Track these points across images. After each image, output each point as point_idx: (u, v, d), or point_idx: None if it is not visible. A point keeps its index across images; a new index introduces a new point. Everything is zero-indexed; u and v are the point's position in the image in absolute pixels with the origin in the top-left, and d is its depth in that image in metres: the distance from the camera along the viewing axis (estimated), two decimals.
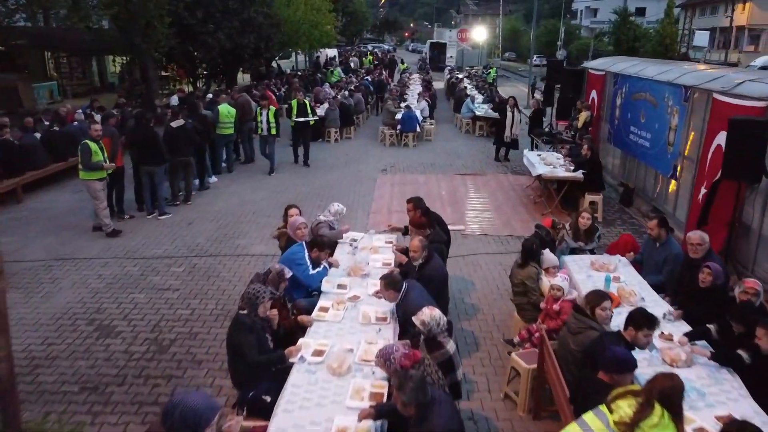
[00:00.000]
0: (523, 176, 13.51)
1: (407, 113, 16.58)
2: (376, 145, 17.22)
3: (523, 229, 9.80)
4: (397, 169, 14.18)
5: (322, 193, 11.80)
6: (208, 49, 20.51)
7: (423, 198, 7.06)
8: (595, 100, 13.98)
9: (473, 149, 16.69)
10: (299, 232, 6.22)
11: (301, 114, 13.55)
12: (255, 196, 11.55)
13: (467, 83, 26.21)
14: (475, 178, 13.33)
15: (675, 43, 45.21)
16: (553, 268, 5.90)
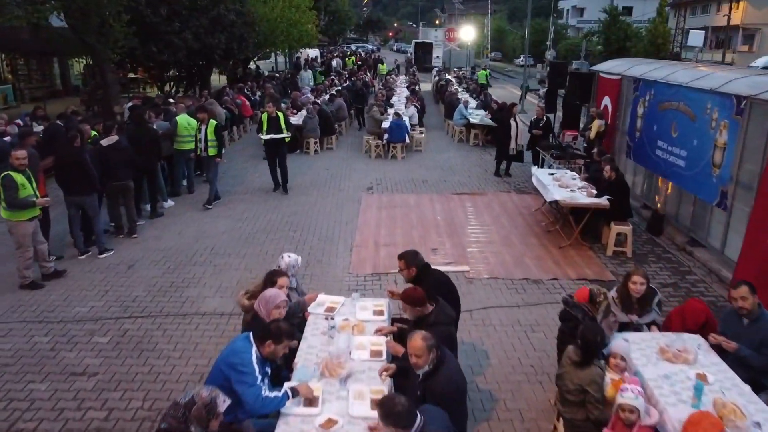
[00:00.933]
0: (529, 195, 11.81)
1: (396, 122, 14.79)
2: (360, 156, 15.41)
3: (539, 269, 8.06)
4: (384, 187, 12.39)
5: (295, 222, 9.97)
6: (173, 49, 18.53)
7: (416, 227, 5.27)
8: (609, 107, 12.31)
9: (469, 161, 14.95)
10: (276, 313, 4.37)
11: (273, 129, 11.26)
12: (215, 226, 9.68)
13: (457, 86, 24.52)
14: (474, 198, 11.58)
15: (667, 42, 44.04)
16: (621, 359, 4.13)
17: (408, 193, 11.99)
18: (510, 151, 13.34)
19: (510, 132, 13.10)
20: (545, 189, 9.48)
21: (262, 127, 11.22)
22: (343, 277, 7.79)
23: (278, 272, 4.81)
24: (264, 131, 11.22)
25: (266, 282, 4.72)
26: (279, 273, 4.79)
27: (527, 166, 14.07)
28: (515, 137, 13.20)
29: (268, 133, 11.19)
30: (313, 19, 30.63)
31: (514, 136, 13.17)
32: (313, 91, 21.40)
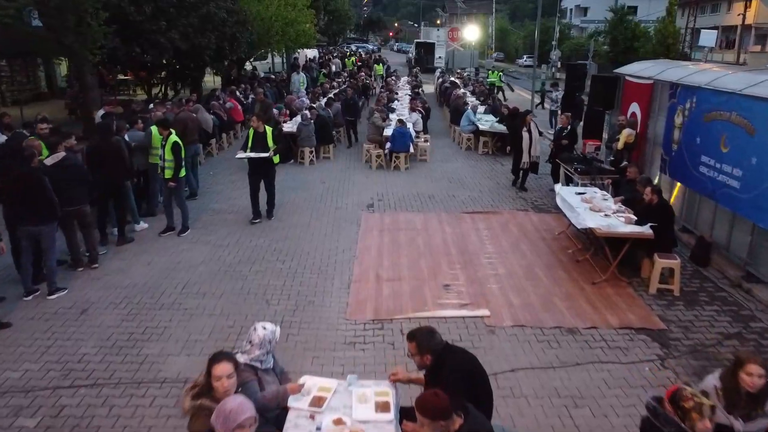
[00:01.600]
0: (549, 214, 10.51)
1: (399, 129, 13.46)
2: (360, 167, 14.08)
3: (573, 313, 6.74)
4: (386, 204, 11.07)
5: (285, 249, 8.65)
6: (159, 50, 17.20)
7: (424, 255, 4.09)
8: (638, 115, 11.00)
9: (479, 173, 13.62)
10: None
11: (259, 147, 9.48)
12: (191, 254, 8.36)
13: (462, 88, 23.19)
14: (488, 218, 10.26)
15: (677, 42, 42.69)
16: None
17: (413, 211, 10.68)
18: (522, 165, 12.07)
19: (522, 144, 11.82)
20: (573, 213, 8.16)
21: (246, 144, 9.63)
22: (338, 324, 6.48)
23: (220, 356, 3.46)
24: (249, 148, 9.52)
25: (208, 371, 3.40)
26: (219, 357, 3.44)
27: (544, 179, 12.79)
28: (528, 150, 11.91)
29: (253, 151, 9.48)
30: (311, 19, 29.29)
31: (526, 149, 11.88)
32: (309, 94, 20.07)
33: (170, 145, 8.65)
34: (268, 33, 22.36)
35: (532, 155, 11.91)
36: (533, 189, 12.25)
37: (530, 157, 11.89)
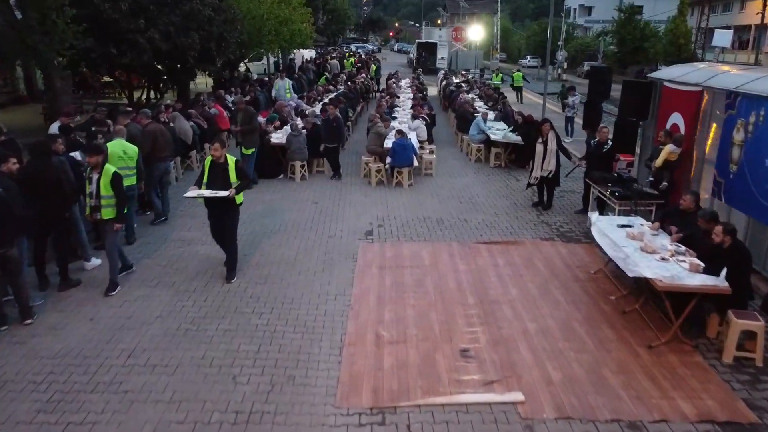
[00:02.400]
0: (580, 245, 8.94)
1: (400, 141, 11.88)
2: (358, 183, 12.50)
3: (634, 398, 5.15)
4: (388, 231, 9.50)
5: (263, 295, 7.07)
6: (138, 51, 15.64)
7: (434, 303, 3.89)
8: (682, 128, 9.42)
9: (492, 190, 12.04)
10: None
11: (217, 183, 7.12)
12: (146, 305, 6.77)
13: (468, 91, 21.60)
14: (508, 250, 8.68)
15: (689, 42, 41.14)
16: None
17: (419, 240, 9.10)
18: (532, 181, 10.63)
19: (534, 156, 10.33)
20: (618, 252, 6.59)
21: (201, 178, 7.31)
22: (324, 415, 4.89)
23: None
24: (205, 182, 7.19)
25: None
26: None
27: (567, 197, 11.22)
28: (540, 164, 10.41)
29: (208, 188, 7.12)
30: (307, 18, 27.73)
31: (539, 163, 10.38)
32: (303, 99, 18.50)
33: (108, 178, 6.66)
34: (260, 32, 20.77)
35: (545, 168, 10.40)
36: (557, 211, 10.67)
37: (541, 171, 10.39)
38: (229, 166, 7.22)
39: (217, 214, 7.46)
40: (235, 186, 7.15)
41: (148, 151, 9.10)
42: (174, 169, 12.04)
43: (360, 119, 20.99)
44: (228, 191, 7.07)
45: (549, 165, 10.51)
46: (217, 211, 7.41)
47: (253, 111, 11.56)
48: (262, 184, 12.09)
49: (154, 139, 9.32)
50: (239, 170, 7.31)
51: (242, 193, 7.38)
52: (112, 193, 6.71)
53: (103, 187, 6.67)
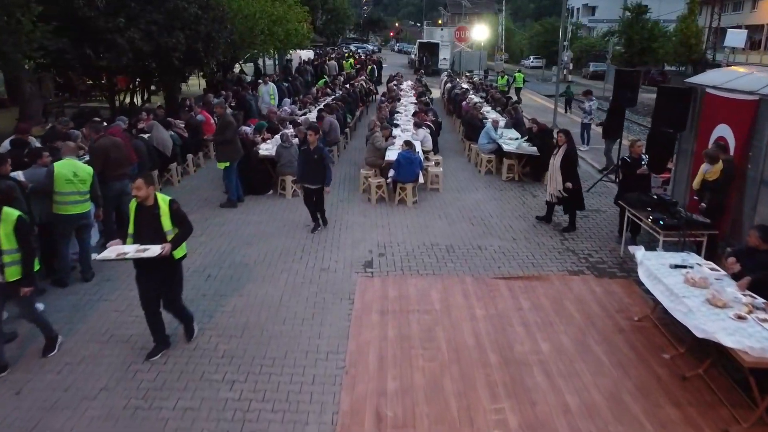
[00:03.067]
0: (615, 280, 7.63)
1: (405, 155, 10.56)
2: (356, 200, 11.19)
3: None
4: (390, 261, 8.19)
5: (237, 354, 5.75)
6: (117, 52, 14.33)
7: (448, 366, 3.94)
8: (730, 142, 8.11)
9: (507, 209, 10.72)
10: None
11: (147, 232, 5.33)
12: (88, 372, 5.45)
13: (473, 94, 20.29)
14: (532, 287, 7.37)
15: (700, 42, 39.80)
16: None
17: (427, 272, 7.80)
18: (548, 198, 9.49)
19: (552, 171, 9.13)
20: (678, 304, 5.29)
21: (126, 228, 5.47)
22: None
23: None
24: (129, 236, 5.39)
25: None
26: None
27: (592, 218, 9.91)
28: (554, 179, 9.21)
29: (135, 240, 5.35)
30: (304, 17, 26.40)
31: (552, 178, 9.17)
32: (297, 103, 17.18)
33: (11, 225, 5.06)
34: (252, 32, 19.43)
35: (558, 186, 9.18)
36: (583, 235, 9.35)
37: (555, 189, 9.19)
38: (160, 210, 5.27)
39: (147, 277, 5.38)
40: (171, 238, 5.28)
41: (100, 170, 7.76)
42: None
43: (359, 124, 19.69)
44: (160, 248, 5.15)
45: (556, 183, 9.25)
46: (148, 272, 5.35)
47: (229, 119, 10.18)
48: (249, 202, 10.78)
49: (105, 156, 7.96)
50: (175, 214, 5.36)
51: (184, 244, 5.49)
52: (16, 245, 5.12)
53: (4, 238, 5.06)
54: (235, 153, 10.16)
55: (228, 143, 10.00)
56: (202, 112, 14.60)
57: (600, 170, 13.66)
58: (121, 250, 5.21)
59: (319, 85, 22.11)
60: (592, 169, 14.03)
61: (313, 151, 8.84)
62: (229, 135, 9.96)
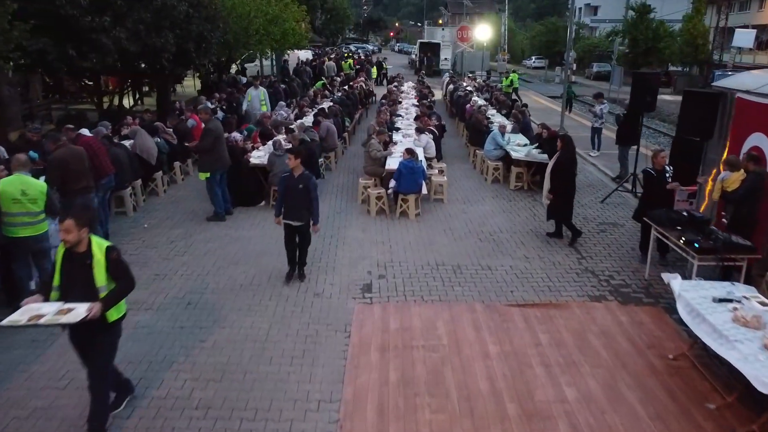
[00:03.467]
0: (642, 307, 6.84)
1: (407, 164, 9.76)
2: (354, 212, 10.40)
3: None
4: (392, 283, 7.41)
5: (213, 407, 4.94)
6: (103, 52, 13.55)
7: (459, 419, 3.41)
8: (766, 151, 7.32)
9: (518, 223, 9.93)
10: None
11: (74, 288, 4.13)
12: (44, 413, 4.66)
13: (477, 96, 19.50)
14: (549, 316, 6.58)
15: (707, 42, 38.98)
16: None
17: (432, 298, 7.02)
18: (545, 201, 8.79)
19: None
20: (733, 353, 4.49)
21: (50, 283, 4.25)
22: None
23: None
24: (54, 289, 4.20)
25: None
26: None
27: (610, 233, 9.10)
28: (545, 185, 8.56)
29: (61, 296, 4.16)
30: (301, 16, 25.61)
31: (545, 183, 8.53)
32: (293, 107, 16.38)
33: None
34: (247, 32, 18.63)
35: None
36: (601, 253, 8.55)
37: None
38: (94, 260, 4.12)
39: (82, 341, 4.34)
40: (103, 297, 4.11)
41: (59, 184, 6.98)
42: (132, 196, 9.94)
43: (359, 128, 18.91)
44: (87, 308, 3.98)
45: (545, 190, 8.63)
46: (76, 333, 4.33)
47: (214, 126, 9.37)
48: (239, 215, 9.99)
49: (63, 168, 7.16)
50: (113, 265, 4.19)
51: (123, 303, 4.35)
52: None
53: None
54: (218, 162, 9.34)
55: (209, 151, 9.19)
56: (192, 116, 13.79)
57: (613, 178, 12.87)
58: (35, 312, 3.98)
59: (317, 87, 21.31)
60: (605, 177, 13.23)
61: (296, 179, 6.98)
62: (209, 143, 9.14)
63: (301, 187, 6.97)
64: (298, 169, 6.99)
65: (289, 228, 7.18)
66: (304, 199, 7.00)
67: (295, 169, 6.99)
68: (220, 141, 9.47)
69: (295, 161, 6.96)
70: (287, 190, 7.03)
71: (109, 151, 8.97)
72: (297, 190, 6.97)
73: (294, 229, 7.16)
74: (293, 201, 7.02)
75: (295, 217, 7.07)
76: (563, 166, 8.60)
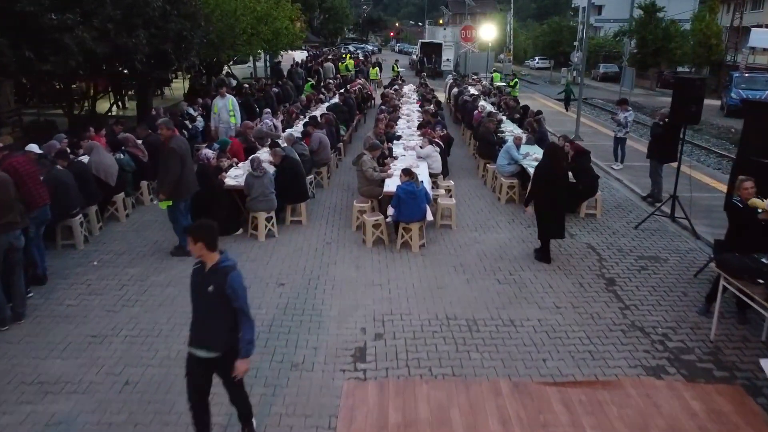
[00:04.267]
0: (715, 385, 5.27)
1: (409, 187, 8.17)
2: (347, 242, 8.82)
3: None
4: (391, 347, 5.86)
5: None
6: (65, 54, 12.00)
7: None
8: None
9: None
10: None
11: None
12: None
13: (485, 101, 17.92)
14: (597, 399, 5.01)
15: (720, 43, 37.37)
16: None
17: (443, 369, 5.48)
18: None
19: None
20: None
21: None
22: None
23: None
24: None
25: None
26: None
27: (655, 269, 7.49)
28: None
29: None
30: (296, 14, 24.03)
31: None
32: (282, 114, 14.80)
33: None
34: (233, 31, 17.04)
35: None
36: (646, 300, 6.98)
37: None
38: None
39: None
40: None
41: None
42: (82, 225, 8.37)
43: (355, 135, 17.34)
44: None
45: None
46: None
47: (177, 144, 7.76)
48: None
49: None
50: None
51: None
52: None
53: None
54: (183, 187, 7.75)
55: (167, 174, 7.60)
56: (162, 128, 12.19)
57: (644, 197, 11.29)
58: None
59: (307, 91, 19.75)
60: (632, 195, 11.64)
61: (207, 273, 4.01)
62: (175, 166, 7.56)
63: (211, 290, 3.94)
64: (207, 257, 3.99)
65: (196, 362, 4.12)
66: (219, 312, 4.00)
67: (203, 259, 4.01)
68: (186, 162, 7.87)
69: (194, 245, 3.94)
70: (192, 293, 4.15)
71: (48, 174, 7.41)
72: (206, 296, 3.98)
73: (203, 364, 4.11)
74: (201, 312, 4.09)
75: (204, 341, 4.08)
76: (536, 175, 7.92)
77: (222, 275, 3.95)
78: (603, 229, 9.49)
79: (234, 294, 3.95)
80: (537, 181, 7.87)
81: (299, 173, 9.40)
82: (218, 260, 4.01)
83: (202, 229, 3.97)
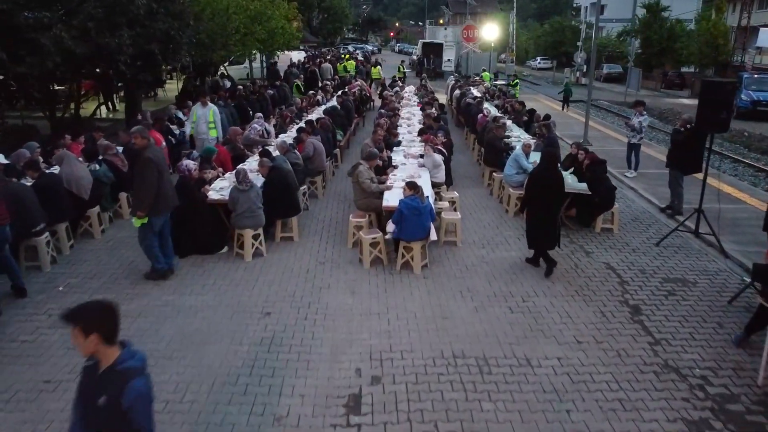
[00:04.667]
0: None
1: (412, 203, 7.38)
2: (342, 261, 8.02)
3: None
4: (390, 395, 5.07)
5: None
6: (41, 54, 11.23)
7: None
8: None
9: (557, 276, 7.54)
10: None
11: None
12: None
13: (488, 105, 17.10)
14: None
15: (728, 42, 36.57)
16: None
17: (451, 422, 4.72)
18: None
19: None
20: None
21: None
22: None
23: None
24: None
25: None
26: None
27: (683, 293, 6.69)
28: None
29: None
30: (292, 14, 23.23)
31: None
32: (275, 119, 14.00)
33: None
34: (225, 30, 16.24)
35: None
36: (678, 334, 6.17)
37: None
38: None
39: None
40: None
41: None
42: (49, 244, 7.57)
43: (353, 140, 16.54)
44: None
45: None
46: None
47: (154, 154, 6.95)
48: (190, 269, 7.62)
49: None
50: None
51: None
52: None
53: None
54: (161, 203, 6.95)
55: (144, 187, 6.79)
56: (152, 133, 11.41)
57: (662, 209, 10.50)
58: None
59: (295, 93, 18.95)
60: (650, 207, 10.84)
61: (98, 381, 2.83)
62: (151, 179, 6.75)
63: (102, 402, 2.78)
64: (102, 354, 2.82)
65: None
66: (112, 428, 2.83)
67: (96, 356, 2.85)
68: (163, 174, 7.06)
69: (82, 337, 2.75)
70: (76, 402, 2.96)
71: (5, 189, 6.62)
72: (95, 411, 2.80)
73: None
74: (92, 426, 2.89)
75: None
76: (531, 180, 7.72)
77: (120, 382, 2.74)
78: (621, 246, 8.70)
79: (132, 411, 2.72)
80: (532, 186, 7.58)
81: (290, 185, 8.59)
82: (117, 359, 2.79)
83: (92, 312, 2.79)
